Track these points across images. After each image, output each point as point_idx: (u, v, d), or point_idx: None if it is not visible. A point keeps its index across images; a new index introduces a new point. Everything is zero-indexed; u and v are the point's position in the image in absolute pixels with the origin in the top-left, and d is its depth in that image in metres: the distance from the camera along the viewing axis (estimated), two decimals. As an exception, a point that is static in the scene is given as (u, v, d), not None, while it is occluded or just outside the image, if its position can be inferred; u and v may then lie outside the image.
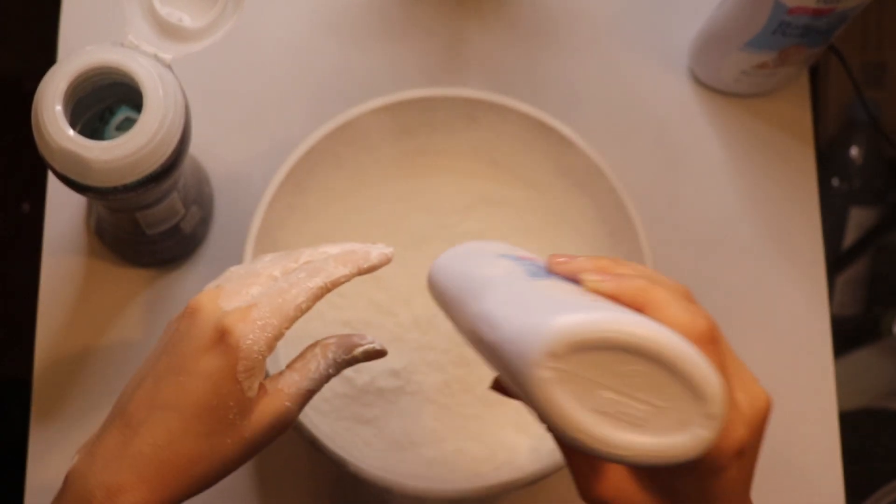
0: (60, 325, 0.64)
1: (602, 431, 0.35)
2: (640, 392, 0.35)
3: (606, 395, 0.35)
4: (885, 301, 1.14)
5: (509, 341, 0.36)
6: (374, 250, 0.47)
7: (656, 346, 0.34)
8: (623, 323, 0.35)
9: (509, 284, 0.40)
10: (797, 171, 0.71)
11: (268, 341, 0.43)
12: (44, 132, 0.49)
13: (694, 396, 0.35)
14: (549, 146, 0.63)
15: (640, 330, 0.34)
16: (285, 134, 0.67)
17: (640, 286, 0.38)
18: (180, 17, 0.53)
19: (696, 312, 0.37)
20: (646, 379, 0.35)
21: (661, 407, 0.35)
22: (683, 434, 0.35)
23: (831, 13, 0.61)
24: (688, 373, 0.34)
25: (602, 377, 0.35)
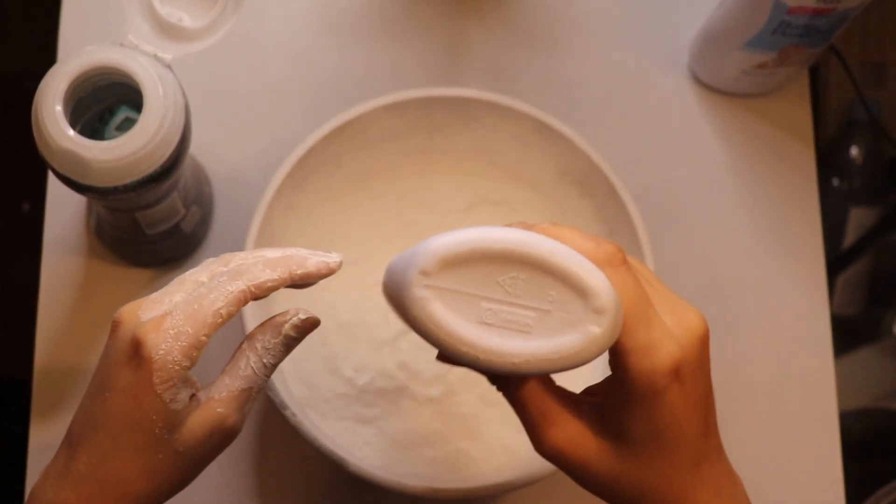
0: (60, 325, 0.64)
1: (489, 342, 0.35)
2: (522, 298, 0.35)
3: (487, 305, 0.35)
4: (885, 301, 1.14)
5: (389, 273, 0.37)
6: (315, 257, 0.44)
7: (522, 247, 0.35)
8: (489, 234, 0.35)
9: None
10: (797, 171, 0.71)
11: (183, 350, 0.41)
12: (44, 132, 0.49)
13: (577, 294, 0.35)
14: (549, 146, 0.63)
15: (506, 236, 0.35)
16: (285, 134, 0.67)
17: (543, 227, 0.38)
18: (180, 17, 0.53)
19: (600, 241, 0.37)
20: (525, 284, 0.35)
21: (547, 310, 0.35)
22: (574, 333, 0.35)
23: (831, 13, 0.61)
24: (565, 270, 0.35)
25: (482, 289, 0.35)
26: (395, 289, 0.37)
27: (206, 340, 0.42)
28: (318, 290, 0.63)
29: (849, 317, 1.14)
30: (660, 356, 0.36)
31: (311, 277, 0.45)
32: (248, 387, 0.44)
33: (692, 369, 0.38)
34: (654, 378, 0.36)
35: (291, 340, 0.45)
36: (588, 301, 0.35)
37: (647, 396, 0.37)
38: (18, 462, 0.63)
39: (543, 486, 0.62)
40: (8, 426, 0.75)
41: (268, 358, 0.44)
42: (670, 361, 0.37)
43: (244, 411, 0.44)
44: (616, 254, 0.37)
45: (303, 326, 0.45)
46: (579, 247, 0.37)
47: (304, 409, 0.58)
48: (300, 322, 0.45)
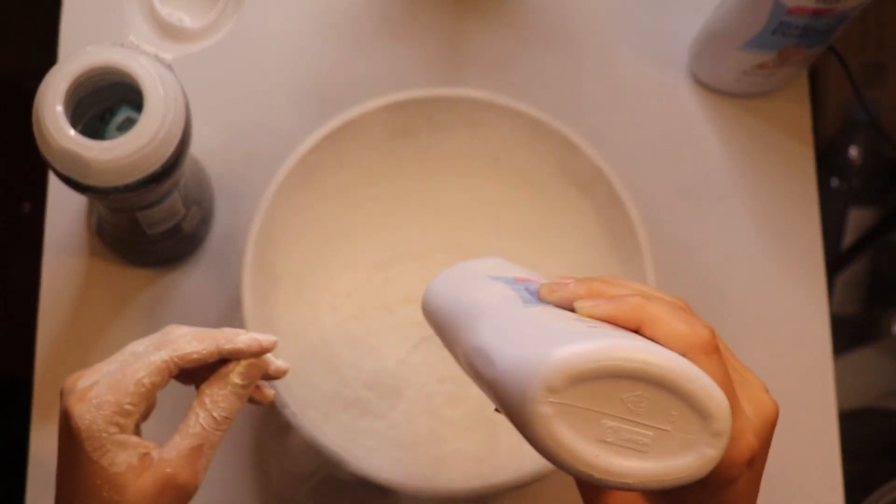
0: (60, 325, 0.64)
1: (607, 462, 0.34)
2: (644, 417, 0.34)
3: (609, 423, 0.34)
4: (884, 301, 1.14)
5: (505, 377, 0.36)
6: (246, 335, 0.45)
7: (656, 369, 0.34)
8: (620, 349, 0.34)
9: (503, 313, 0.39)
10: (797, 171, 0.71)
11: (105, 418, 0.42)
12: (44, 132, 0.50)
13: (698, 416, 0.34)
14: (549, 146, 0.63)
15: (638, 355, 0.34)
16: (285, 134, 0.67)
17: (634, 304, 0.37)
18: (181, 18, 0.53)
19: (694, 323, 0.37)
20: (648, 403, 0.34)
21: (666, 430, 0.34)
22: (689, 455, 0.35)
23: (831, 13, 0.61)
24: (690, 392, 0.34)
25: (603, 406, 0.34)
26: (514, 396, 0.35)
27: (132, 409, 0.43)
28: (318, 290, 0.63)
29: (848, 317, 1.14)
30: (739, 449, 0.37)
31: (241, 354, 0.45)
32: (198, 444, 0.44)
33: (762, 455, 0.38)
34: (732, 469, 0.37)
35: (240, 389, 0.45)
36: (708, 423, 0.34)
37: (721, 485, 0.37)
38: (18, 462, 0.63)
39: (543, 486, 0.62)
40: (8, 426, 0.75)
41: (218, 411, 0.44)
42: (749, 453, 0.37)
43: (196, 468, 0.44)
44: (711, 341, 0.37)
45: (249, 374, 0.45)
46: (674, 331, 0.36)
47: (304, 408, 0.58)
48: (245, 370, 0.45)
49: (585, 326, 0.37)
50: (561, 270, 0.64)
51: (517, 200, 0.65)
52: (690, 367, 0.34)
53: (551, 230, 0.65)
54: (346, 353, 0.62)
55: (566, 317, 0.38)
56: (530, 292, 0.42)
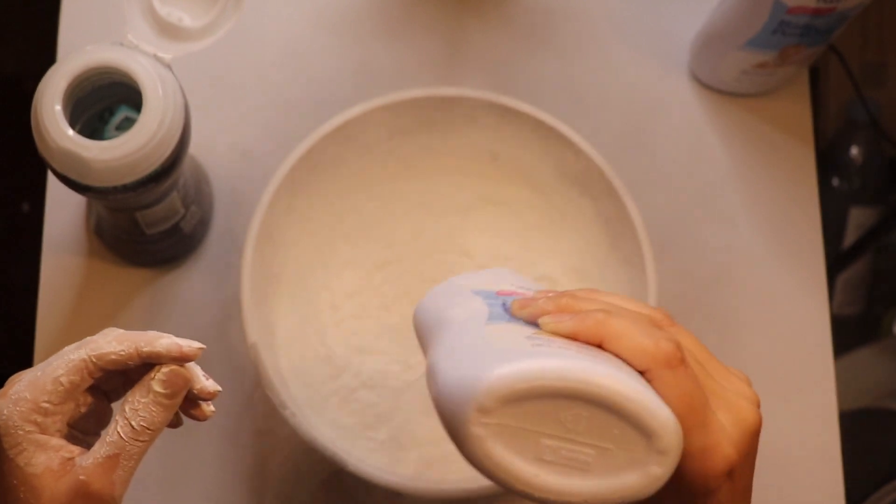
0: (60, 325, 0.64)
1: (546, 481, 0.34)
2: (584, 436, 0.34)
3: (548, 442, 0.34)
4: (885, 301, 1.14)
5: (444, 397, 0.36)
6: (168, 339, 0.43)
7: (592, 388, 0.33)
8: (554, 369, 0.33)
9: (461, 332, 0.39)
10: (797, 171, 0.71)
11: (22, 415, 0.42)
12: (43, 132, 0.49)
13: (641, 434, 0.34)
14: (549, 146, 0.63)
15: (573, 374, 0.33)
16: (285, 134, 0.67)
17: (597, 320, 0.37)
18: (180, 17, 0.53)
19: (658, 337, 0.36)
20: (588, 422, 0.34)
21: (608, 448, 0.34)
22: (634, 473, 0.34)
23: (831, 13, 0.61)
24: (630, 411, 0.33)
25: (540, 425, 0.34)
26: (450, 417, 0.35)
27: (49, 407, 0.42)
28: (318, 290, 0.63)
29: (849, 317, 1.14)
30: (714, 461, 0.36)
31: (161, 358, 0.43)
32: (115, 453, 0.42)
33: (742, 465, 0.38)
34: (708, 481, 0.36)
35: (162, 398, 0.43)
36: (651, 442, 0.34)
37: (698, 495, 0.37)
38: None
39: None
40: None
41: (137, 420, 0.42)
42: (725, 465, 0.36)
43: (112, 478, 0.42)
44: (675, 353, 0.36)
45: (171, 382, 0.43)
46: (636, 346, 0.36)
47: (303, 408, 0.58)
48: (165, 377, 0.43)
49: (532, 344, 0.36)
50: (560, 270, 0.64)
51: (517, 200, 0.65)
52: (631, 385, 0.34)
53: (551, 230, 0.65)
54: (345, 353, 0.62)
55: (523, 335, 0.38)
56: (505, 308, 0.41)
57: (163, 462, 0.62)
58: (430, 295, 0.45)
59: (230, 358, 0.64)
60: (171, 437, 0.63)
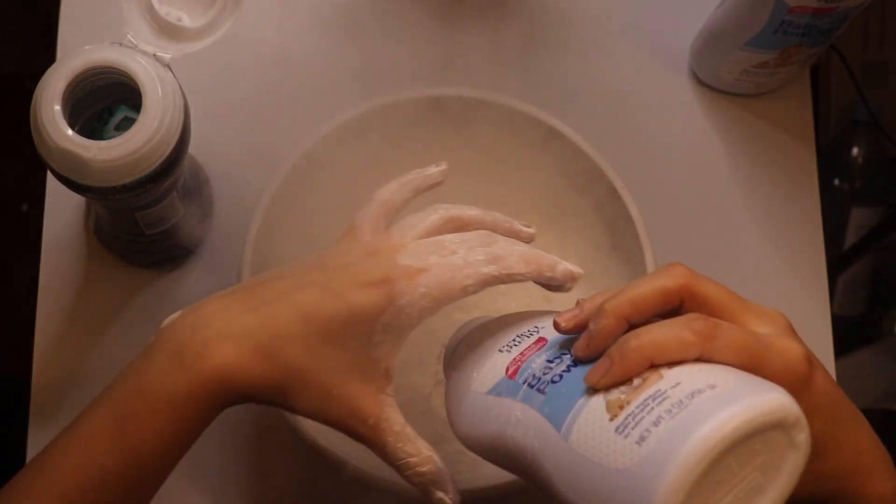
0: (60, 325, 0.64)
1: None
2: (745, 469, 0.34)
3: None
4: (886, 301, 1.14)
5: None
6: (562, 265, 0.45)
7: (756, 421, 0.33)
8: (722, 434, 0.32)
9: (559, 463, 0.37)
10: (798, 171, 0.71)
11: (421, 310, 0.43)
12: (42, 132, 0.49)
13: (777, 429, 0.34)
14: (549, 145, 0.62)
15: (740, 426, 0.33)
16: (285, 134, 0.67)
17: (633, 351, 0.36)
18: (179, 17, 0.53)
19: (682, 324, 0.37)
20: (740, 457, 0.33)
21: (764, 459, 0.34)
22: (792, 457, 0.35)
23: (832, 12, 0.61)
24: (771, 422, 0.34)
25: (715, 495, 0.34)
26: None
27: (439, 310, 0.43)
28: (318, 290, 0.63)
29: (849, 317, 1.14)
30: (789, 372, 0.37)
31: (554, 282, 0.45)
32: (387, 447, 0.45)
33: (808, 373, 0.38)
34: (793, 383, 0.36)
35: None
36: (786, 429, 0.34)
37: (796, 391, 0.37)
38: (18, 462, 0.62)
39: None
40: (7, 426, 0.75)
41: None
42: (797, 392, 0.36)
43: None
44: (707, 326, 0.37)
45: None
46: (680, 343, 0.36)
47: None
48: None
49: (625, 439, 0.35)
50: (561, 270, 0.64)
51: (517, 200, 0.65)
52: (756, 397, 0.34)
53: (551, 230, 0.65)
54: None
55: (603, 421, 0.36)
56: (534, 382, 0.40)
57: (162, 462, 0.62)
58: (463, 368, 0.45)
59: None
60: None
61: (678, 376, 0.36)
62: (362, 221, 0.48)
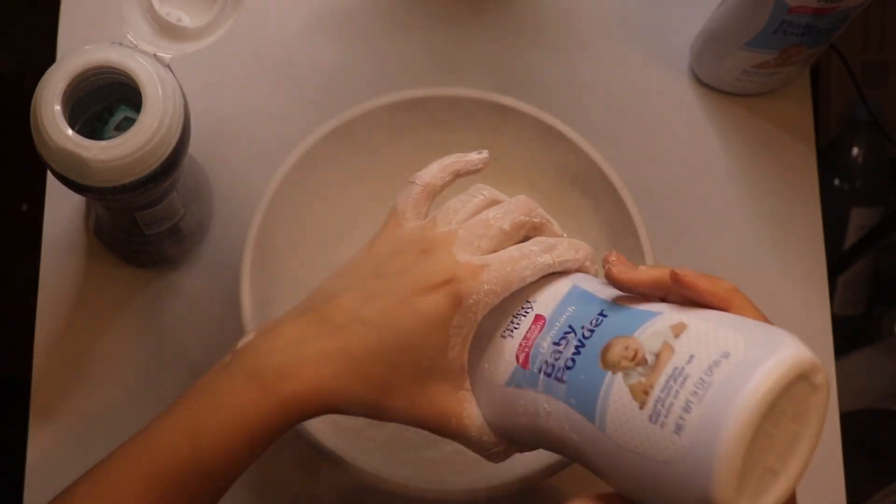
0: (60, 325, 0.64)
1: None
2: (788, 421, 0.35)
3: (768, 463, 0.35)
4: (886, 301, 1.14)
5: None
6: (614, 254, 0.45)
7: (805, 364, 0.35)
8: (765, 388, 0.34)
9: (616, 460, 0.38)
10: (798, 171, 0.71)
11: (486, 306, 0.43)
12: (42, 132, 0.49)
13: (808, 386, 0.36)
14: (549, 145, 0.62)
15: (777, 381, 0.34)
16: (285, 133, 0.67)
17: (698, 279, 0.40)
18: (179, 17, 0.53)
19: (710, 276, 0.41)
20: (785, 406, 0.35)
21: (795, 412, 0.35)
22: (819, 400, 0.36)
23: (832, 12, 0.61)
24: (807, 369, 0.35)
25: (766, 451, 0.35)
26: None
27: (497, 302, 0.43)
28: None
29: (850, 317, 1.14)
30: None
31: (589, 272, 0.46)
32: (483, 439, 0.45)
33: None
34: None
35: None
36: (808, 376, 0.36)
37: None
38: (18, 462, 0.62)
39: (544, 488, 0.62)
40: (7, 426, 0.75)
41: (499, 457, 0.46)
42: None
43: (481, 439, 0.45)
44: (726, 282, 0.41)
45: None
46: (721, 288, 0.41)
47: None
48: None
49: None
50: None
51: (517, 200, 0.65)
52: (794, 347, 0.35)
53: (552, 230, 0.65)
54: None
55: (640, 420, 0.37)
56: (549, 370, 0.41)
57: (162, 463, 0.62)
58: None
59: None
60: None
61: (688, 348, 0.37)
62: (405, 206, 0.48)
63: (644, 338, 0.38)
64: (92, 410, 0.63)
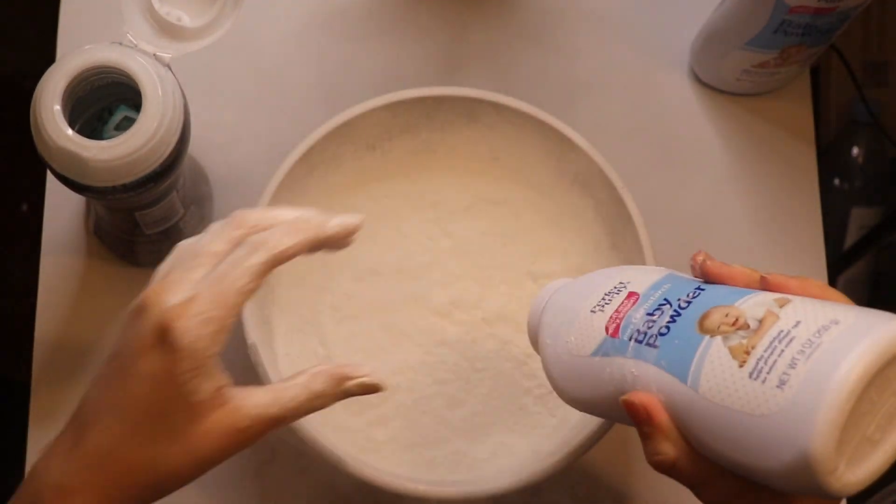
0: (59, 325, 0.64)
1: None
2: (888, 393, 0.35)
3: (870, 428, 0.35)
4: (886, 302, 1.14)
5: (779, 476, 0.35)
6: (335, 219, 0.42)
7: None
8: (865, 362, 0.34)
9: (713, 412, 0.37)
10: (798, 171, 0.71)
11: (212, 336, 0.40)
12: (42, 131, 0.49)
13: None
14: (549, 145, 0.62)
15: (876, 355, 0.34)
16: (285, 134, 0.67)
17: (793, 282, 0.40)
18: (179, 17, 0.53)
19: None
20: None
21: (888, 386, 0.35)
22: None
23: (833, 12, 0.61)
24: None
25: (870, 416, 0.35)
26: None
27: (231, 323, 0.41)
28: (318, 290, 0.63)
29: (850, 317, 1.14)
30: None
31: (335, 242, 0.43)
32: (281, 417, 0.42)
33: None
34: None
35: (346, 395, 0.44)
36: None
37: None
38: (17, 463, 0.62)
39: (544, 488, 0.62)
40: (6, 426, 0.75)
41: (318, 401, 0.43)
42: None
43: (267, 433, 0.42)
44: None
45: (366, 389, 0.44)
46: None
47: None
48: (368, 385, 0.44)
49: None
50: (561, 270, 0.64)
51: (517, 200, 0.65)
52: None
53: (551, 230, 0.65)
54: (345, 353, 0.61)
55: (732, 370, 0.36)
56: (641, 337, 0.40)
57: (162, 463, 0.62)
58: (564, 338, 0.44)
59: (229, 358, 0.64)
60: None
61: (795, 315, 0.36)
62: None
63: (746, 307, 0.38)
64: (92, 410, 0.63)
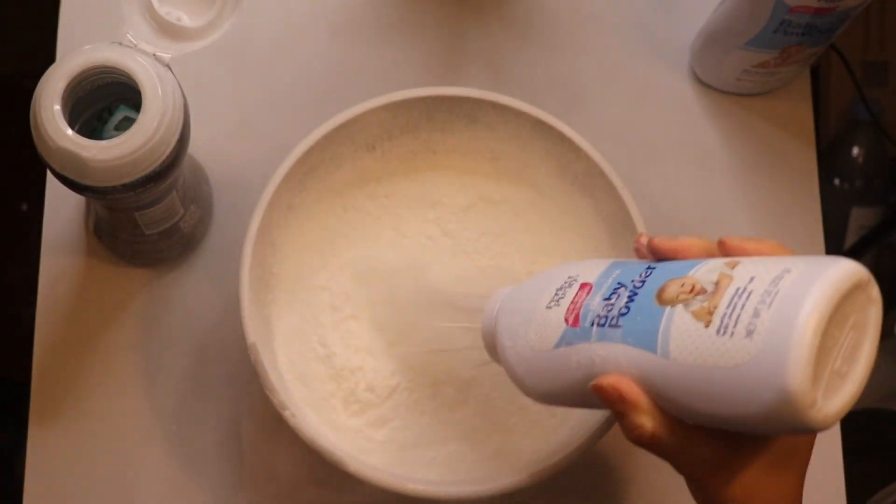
0: (59, 325, 0.64)
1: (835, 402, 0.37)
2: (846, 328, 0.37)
3: (834, 364, 0.37)
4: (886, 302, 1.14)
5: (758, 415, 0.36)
6: None
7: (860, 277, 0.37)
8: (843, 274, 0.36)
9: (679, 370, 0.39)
10: (798, 171, 0.71)
11: None
12: (42, 131, 0.49)
13: (865, 297, 0.38)
14: (549, 145, 0.62)
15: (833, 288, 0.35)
16: (285, 133, 0.67)
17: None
18: (179, 17, 0.53)
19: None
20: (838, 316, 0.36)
21: (854, 319, 0.37)
22: (875, 312, 0.38)
23: (833, 12, 0.61)
24: (862, 280, 0.37)
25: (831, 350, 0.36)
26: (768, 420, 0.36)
27: None
28: (318, 290, 0.63)
29: (850, 317, 1.14)
30: None
31: None
32: None
33: None
34: None
35: None
36: (865, 288, 0.38)
37: None
38: (17, 463, 0.62)
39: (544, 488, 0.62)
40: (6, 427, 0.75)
41: None
42: None
43: None
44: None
45: None
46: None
47: (303, 409, 0.58)
48: None
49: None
50: (561, 270, 0.64)
51: (517, 200, 0.65)
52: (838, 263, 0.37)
53: (551, 230, 0.65)
54: (345, 353, 0.61)
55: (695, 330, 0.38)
56: (602, 321, 0.41)
57: (164, 463, 0.62)
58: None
59: (229, 358, 0.64)
60: (171, 438, 0.63)
61: (747, 272, 0.38)
62: None
63: (699, 275, 0.39)
64: (92, 410, 0.63)
